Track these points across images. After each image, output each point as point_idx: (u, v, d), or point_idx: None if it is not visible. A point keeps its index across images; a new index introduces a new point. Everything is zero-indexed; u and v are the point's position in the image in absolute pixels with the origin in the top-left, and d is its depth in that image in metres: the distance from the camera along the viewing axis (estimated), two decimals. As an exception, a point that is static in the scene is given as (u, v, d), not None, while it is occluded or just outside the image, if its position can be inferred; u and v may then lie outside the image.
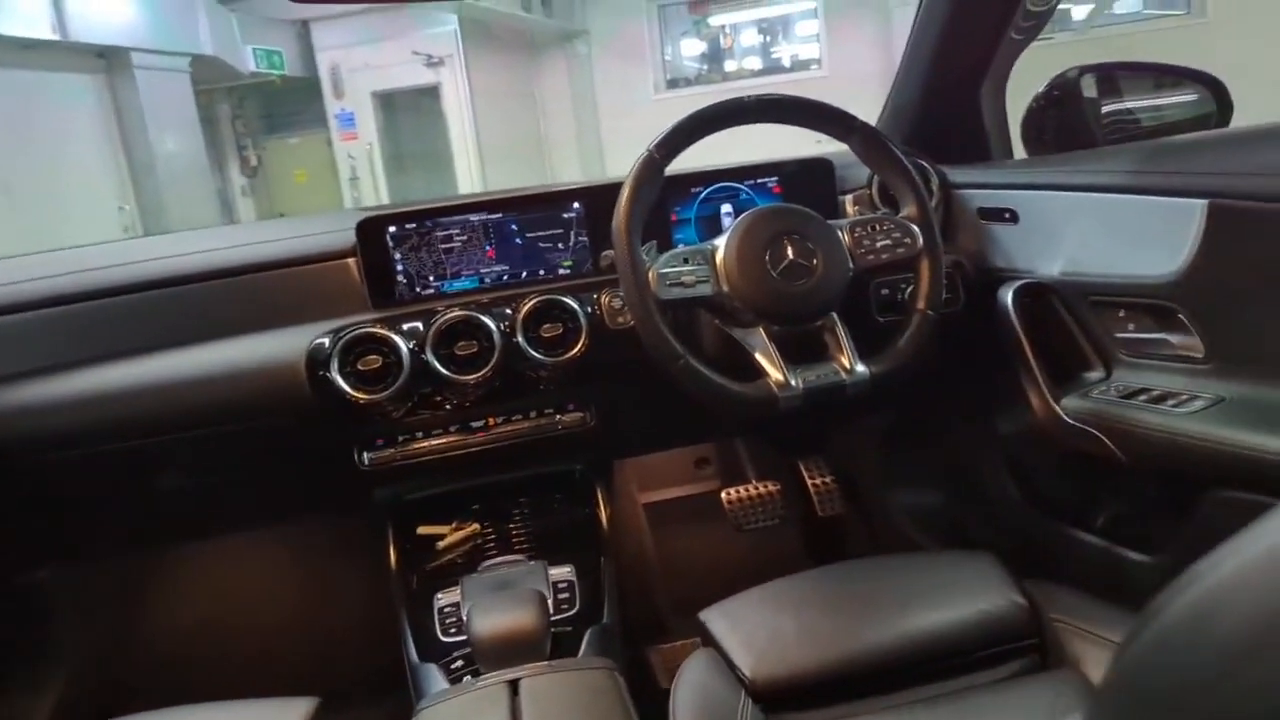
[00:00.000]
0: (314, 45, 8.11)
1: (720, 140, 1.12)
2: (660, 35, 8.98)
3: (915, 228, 1.12)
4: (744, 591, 1.06)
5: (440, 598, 1.22)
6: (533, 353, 1.17)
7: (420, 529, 1.34)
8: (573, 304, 1.19)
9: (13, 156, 5.69)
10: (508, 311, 1.19)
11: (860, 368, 1.07)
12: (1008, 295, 1.18)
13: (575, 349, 1.18)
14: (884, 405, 1.64)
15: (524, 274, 1.29)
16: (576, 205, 1.29)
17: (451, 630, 1.17)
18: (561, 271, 1.30)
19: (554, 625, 1.11)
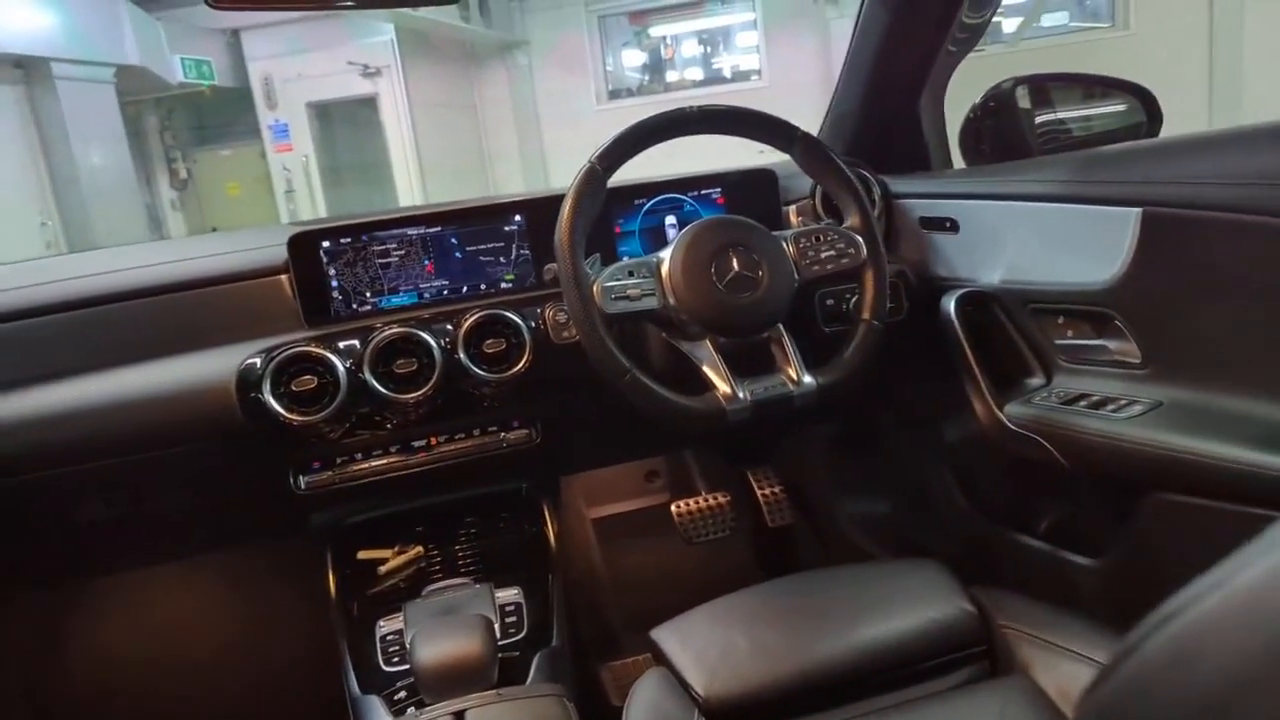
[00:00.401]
0: (245, 55, 7.91)
1: (663, 150, 1.11)
2: (601, 46, 8.97)
3: (859, 238, 1.13)
4: (695, 608, 1.05)
5: (382, 625, 1.18)
6: (475, 369, 1.14)
7: (361, 553, 1.30)
8: (516, 319, 1.17)
9: (-75, 170, 5.44)
10: (449, 327, 1.16)
11: (808, 379, 1.07)
12: (950, 304, 1.20)
13: (519, 365, 1.15)
14: (832, 415, 1.64)
15: (465, 289, 1.26)
16: (518, 218, 1.27)
17: (394, 659, 1.13)
18: (504, 286, 1.27)
19: (501, 650, 1.08)
